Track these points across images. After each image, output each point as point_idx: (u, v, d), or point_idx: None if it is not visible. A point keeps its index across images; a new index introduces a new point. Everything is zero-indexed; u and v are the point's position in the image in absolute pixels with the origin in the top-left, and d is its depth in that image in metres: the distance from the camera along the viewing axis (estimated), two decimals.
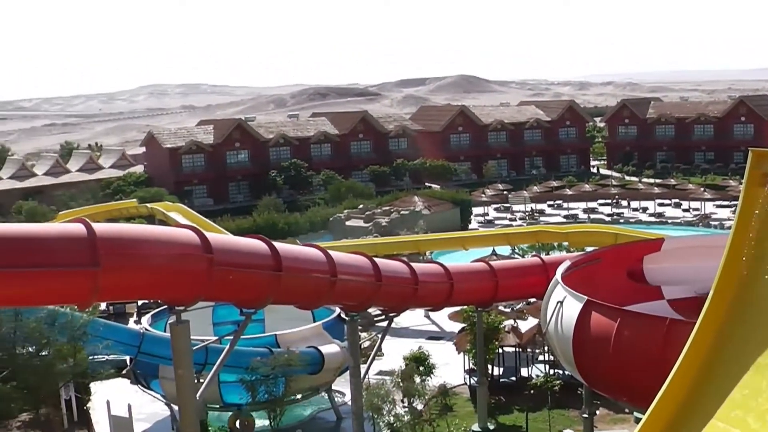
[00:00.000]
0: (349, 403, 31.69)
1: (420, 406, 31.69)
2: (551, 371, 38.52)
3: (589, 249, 45.70)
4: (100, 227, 16.35)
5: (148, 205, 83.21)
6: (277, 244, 19.55)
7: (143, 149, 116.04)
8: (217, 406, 36.11)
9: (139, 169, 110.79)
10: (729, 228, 17.20)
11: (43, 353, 31.91)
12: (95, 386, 39.20)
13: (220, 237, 19.29)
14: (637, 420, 29.92)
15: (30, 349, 32.04)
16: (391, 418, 28.95)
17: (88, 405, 39.43)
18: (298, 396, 36.69)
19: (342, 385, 37.26)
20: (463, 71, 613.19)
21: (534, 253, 56.05)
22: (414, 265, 29.05)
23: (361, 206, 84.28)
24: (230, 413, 34.44)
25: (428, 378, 34.35)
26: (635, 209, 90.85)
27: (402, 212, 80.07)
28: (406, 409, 30.46)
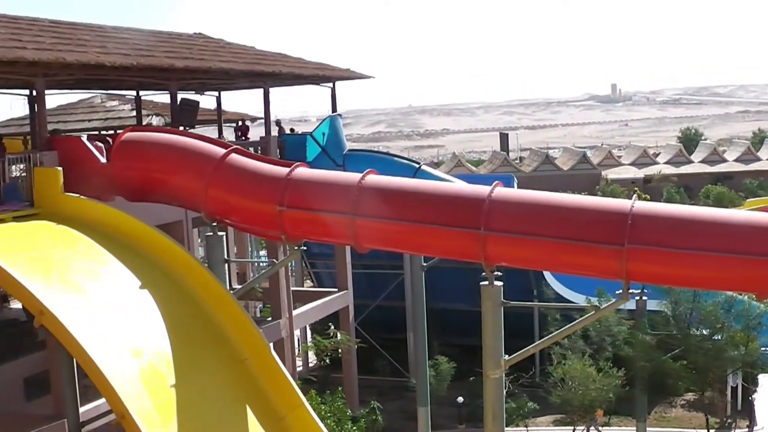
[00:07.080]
0: None
1: None
2: None
3: None
4: None
5: None
6: None
7: None
8: None
9: None
10: None
11: (716, 337, 32.45)
12: (763, 378, 39.01)
13: None
14: None
15: (704, 331, 32.75)
16: None
17: (753, 396, 39.40)
18: None
19: None
20: None
21: None
22: None
23: None
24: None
25: None
26: None
27: None
28: None
